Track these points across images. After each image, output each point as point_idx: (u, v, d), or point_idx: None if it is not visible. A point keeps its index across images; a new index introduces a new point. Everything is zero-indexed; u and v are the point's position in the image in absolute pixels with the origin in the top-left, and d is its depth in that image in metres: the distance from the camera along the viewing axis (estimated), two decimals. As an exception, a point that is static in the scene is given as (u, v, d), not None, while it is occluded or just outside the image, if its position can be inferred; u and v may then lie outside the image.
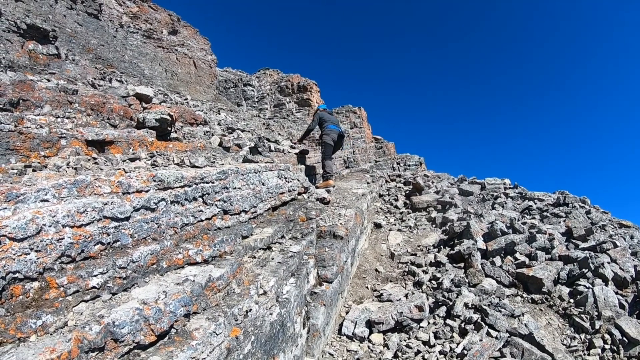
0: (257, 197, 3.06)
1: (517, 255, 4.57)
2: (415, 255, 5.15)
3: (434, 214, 6.68)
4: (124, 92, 3.83)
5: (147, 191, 1.92)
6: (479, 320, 3.41)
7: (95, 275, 1.45)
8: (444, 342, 3.24)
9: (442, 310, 3.66)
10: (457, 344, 3.18)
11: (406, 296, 3.94)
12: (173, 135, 3.59)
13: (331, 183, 5.99)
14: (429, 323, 3.53)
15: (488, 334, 3.27)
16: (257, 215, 3.02)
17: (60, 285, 1.34)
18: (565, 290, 3.97)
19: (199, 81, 10.54)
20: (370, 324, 3.45)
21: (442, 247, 5.28)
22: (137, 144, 2.89)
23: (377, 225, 6.29)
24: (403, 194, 8.18)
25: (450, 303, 3.71)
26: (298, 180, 4.24)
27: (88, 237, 1.51)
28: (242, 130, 6.24)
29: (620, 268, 4.13)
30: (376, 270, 4.76)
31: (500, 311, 3.53)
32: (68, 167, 2.13)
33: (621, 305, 3.65)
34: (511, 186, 8.54)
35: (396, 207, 7.45)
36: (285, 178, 3.85)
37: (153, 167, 2.54)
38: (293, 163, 5.43)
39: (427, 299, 3.84)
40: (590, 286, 3.84)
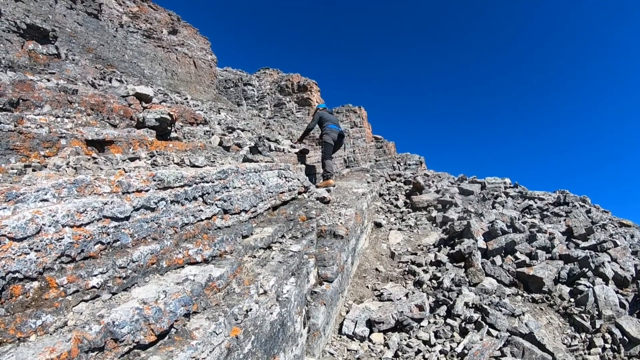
0: (257, 196, 3.06)
1: (518, 254, 4.56)
2: (416, 254, 5.15)
3: (434, 213, 6.68)
4: (124, 92, 3.83)
5: (147, 191, 1.92)
6: (479, 320, 3.40)
7: (95, 275, 1.45)
8: (444, 341, 3.24)
9: (442, 310, 3.66)
10: (458, 343, 3.17)
11: (406, 295, 3.93)
12: (173, 134, 3.58)
13: (331, 182, 5.99)
14: (429, 322, 3.53)
15: (489, 333, 3.27)
16: (257, 215, 3.02)
17: (60, 285, 1.34)
18: (566, 289, 3.96)
19: (199, 81, 10.54)
20: (370, 324, 3.45)
21: (442, 246, 5.28)
22: (137, 144, 2.89)
23: (378, 225, 6.28)
24: (403, 193, 8.17)
25: (451, 302, 3.71)
26: (298, 179, 4.24)
27: (88, 236, 1.51)
28: (242, 130, 6.24)
29: (620, 267, 4.12)
30: (376, 269, 4.76)
31: (500, 310, 3.53)
32: (68, 167, 2.13)
33: (622, 305, 3.64)
34: (511, 185, 8.53)
35: (396, 206, 7.45)
36: (285, 177, 3.85)
37: (153, 167, 2.54)
38: (293, 162, 5.42)
39: (428, 298, 3.84)
40: (591, 285, 3.83)
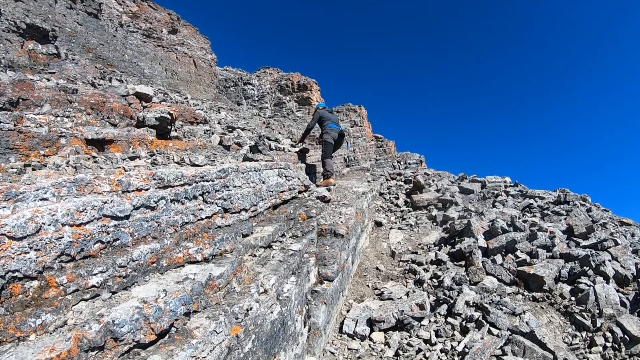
0: (258, 195, 3.05)
1: (518, 253, 4.56)
2: (416, 253, 5.15)
3: (434, 212, 6.67)
4: (124, 91, 3.83)
5: (147, 190, 1.91)
6: (480, 319, 3.40)
7: (95, 274, 1.45)
8: (445, 340, 3.24)
9: (443, 309, 3.65)
10: (459, 342, 3.17)
11: (407, 294, 3.93)
12: (173, 133, 3.58)
13: (332, 181, 5.98)
14: (430, 321, 3.52)
15: (489, 332, 3.26)
16: (257, 214, 3.01)
17: (60, 284, 1.33)
18: (567, 288, 3.96)
19: (199, 80, 10.53)
20: (371, 323, 3.44)
21: (443, 245, 5.28)
22: (137, 143, 2.89)
23: (378, 224, 6.28)
24: (404, 192, 8.17)
25: (452, 301, 3.71)
26: (298, 178, 4.23)
27: (88, 235, 1.51)
28: (242, 129, 6.23)
29: (621, 266, 4.12)
30: (377, 268, 4.75)
31: (501, 309, 3.53)
32: (68, 166, 2.13)
33: (622, 303, 3.64)
34: (512, 184, 8.53)
35: (397, 205, 7.44)
36: (285, 176, 3.84)
37: (153, 166, 2.53)
38: (293, 162, 5.42)
39: (428, 297, 3.83)
40: (592, 284, 3.83)
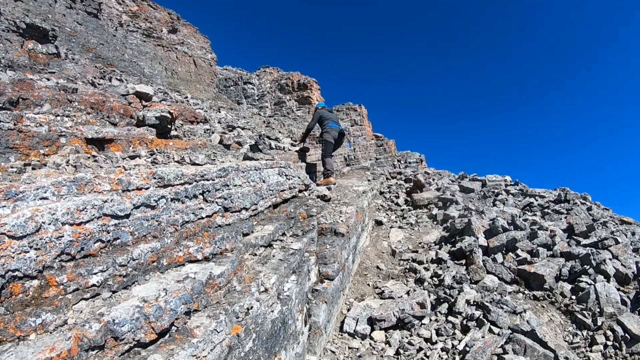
0: (258, 194, 3.05)
1: (519, 251, 4.55)
2: (417, 252, 5.15)
3: (435, 211, 6.67)
4: (124, 91, 3.83)
5: (147, 188, 1.91)
6: (481, 317, 3.40)
7: (95, 273, 1.44)
8: (445, 339, 3.24)
9: (443, 307, 3.65)
10: (459, 340, 3.17)
11: (408, 293, 3.93)
12: (173, 133, 3.58)
13: (332, 180, 5.98)
14: (430, 320, 3.52)
15: (490, 330, 3.26)
16: (257, 213, 3.01)
17: (60, 284, 1.33)
18: (567, 286, 3.96)
19: (199, 79, 10.52)
20: (371, 321, 3.44)
21: (443, 244, 5.28)
22: (137, 142, 2.88)
23: (378, 223, 6.28)
24: (404, 191, 8.16)
25: (452, 300, 3.71)
26: (299, 177, 4.23)
27: (88, 234, 1.51)
28: (243, 128, 6.23)
29: (622, 264, 4.11)
30: (377, 267, 4.75)
31: (502, 308, 3.52)
32: (67, 165, 2.13)
33: (623, 302, 3.63)
34: (512, 183, 8.52)
35: (397, 204, 7.44)
36: (285, 175, 3.84)
37: (153, 165, 2.53)
38: (294, 161, 5.41)
39: (429, 295, 3.83)
40: (592, 283, 3.83)
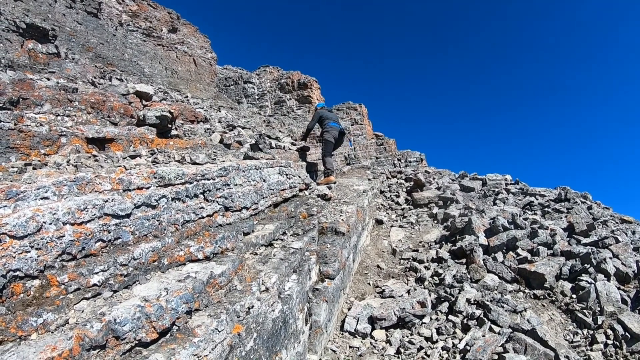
0: (259, 193, 3.05)
1: (519, 250, 4.55)
2: (417, 251, 5.15)
3: (435, 210, 6.67)
4: (124, 90, 3.83)
5: (147, 188, 1.91)
6: (481, 316, 3.40)
7: (96, 273, 1.45)
8: (446, 338, 3.24)
9: (444, 306, 3.66)
10: (460, 339, 3.17)
11: (408, 292, 3.93)
12: (173, 132, 3.58)
13: (332, 179, 5.98)
14: (431, 319, 3.53)
15: (491, 329, 3.26)
16: (258, 212, 3.01)
17: (61, 283, 1.33)
18: (568, 285, 3.96)
19: (199, 79, 10.52)
20: (372, 320, 3.45)
21: (443, 243, 5.28)
22: (138, 142, 2.88)
23: (379, 222, 6.28)
24: (404, 190, 8.16)
25: (453, 299, 3.71)
26: (299, 176, 4.23)
27: (89, 234, 1.51)
28: (243, 128, 6.23)
29: (622, 263, 4.11)
30: (378, 266, 4.75)
31: (502, 307, 3.53)
32: (68, 165, 2.13)
33: (623, 301, 3.63)
34: (512, 182, 8.52)
35: (397, 203, 7.44)
36: (286, 175, 3.84)
37: (154, 164, 2.53)
38: (294, 160, 5.41)
39: (429, 294, 3.83)
40: (593, 281, 3.82)
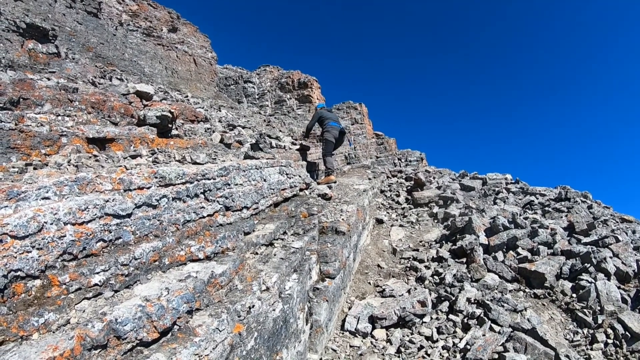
0: (259, 193, 3.05)
1: (520, 250, 4.55)
2: (418, 250, 5.15)
3: (435, 210, 6.67)
4: (125, 90, 3.83)
5: (148, 188, 1.91)
6: (481, 315, 3.40)
7: (97, 273, 1.45)
8: (446, 337, 3.24)
9: (444, 306, 3.66)
10: (460, 339, 3.18)
11: (409, 291, 3.94)
12: (174, 132, 3.58)
13: (332, 179, 5.98)
14: (431, 318, 3.53)
15: (491, 328, 3.27)
16: (259, 212, 3.01)
17: (62, 283, 1.33)
18: (568, 285, 3.96)
19: (199, 79, 10.51)
20: (373, 320, 3.45)
21: (444, 242, 5.28)
22: (138, 141, 2.89)
23: (379, 221, 6.28)
24: (404, 189, 8.16)
25: (453, 298, 3.71)
26: (299, 176, 4.23)
27: (90, 234, 1.51)
28: (243, 127, 6.23)
29: (622, 263, 4.11)
30: (378, 265, 4.76)
31: (503, 306, 3.53)
32: (69, 165, 2.13)
33: (624, 300, 3.64)
34: (512, 181, 8.51)
35: (398, 202, 7.44)
36: (286, 174, 3.84)
37: (154, 164, 2.53)
38: (294, 159, 5.41)
39: (430, 294, 3.84)
40: (593, 281, 3.83)
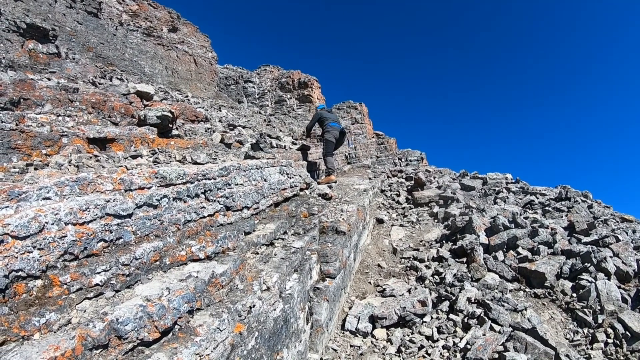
0: (259, 193, 3.06)
1: (520, 249, 4.55)
2: (418, 250, 5.15)
3: (436, 209, 6.67)
4: (125, 90, 3.83)
5: (149, 188, 1.92)
6: (482, 315, 3.41)
7: (98, 273, 1.45)
8: (447, 336, 3.25)
9: (445, 305, 3.66)
10: (461, 338, 3.18)
11: (409, 291, 3.94)
12: (174, 132, 3.58)
13: (333, 179, 5.99)
14: (432, 318, 3.53)
15: (491, 328, 3.27)
16: (259, 212, 3.02)
17: (64, 283, 1.34)
18: (568, 284, 3.96)
19: (199, 78, 10.51)
20: (373, 319, 3.45)
21: (444, 242, 5.28)
22: (139, 141, 2.89)
23: (379, 221, 6.28)
24: (405, 189, 8.16)
25: (453, 298, 3.71)
26: (300, 176, 4.23)
27: (91, 234, 1.51)
28: (243, 127, 6.23)
29: (622, 262, 4.11)
30: (379, 265, 4.76)
31: (503, 305, 3.53)
32: (70, 165, 2.13)
33: (624, 300, 3.64)
34: (513, 181, 8.51)
35: (398, 202, 7.44)
36: (287, 174, 3.84)
37: (155, 164, 2.54)
38: (295, 159, 5.42)
39: (430, 293, 3.84)
40: (593, 280, 3.83)
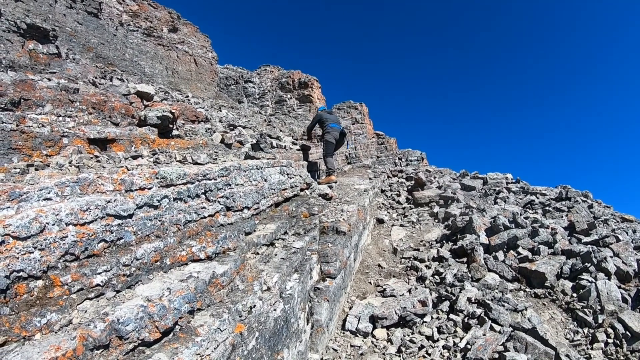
0: (260, 193, 3.06)
1: (520, 249, 4.55)
2: (418, 250, 5.15)
3: (436, 209, 6.67)
4: (125, 90, 3.83)
5: (149, 188, 1.92)
6: (482, 315, 3.41)
7: (99, 273, 1.45)
8: (447, 336, 3.25)
9: (445, 305, 3.66)
10: (461, 338, 3.18)
11: (409, 291, 3.94)
12: (175, 132, 3.59)
13: (333, 179, 5.99)
14: (432, 318, 3.53)
15: (491, 328, 3.27)
16: (259, 212, 3.02)
17: (65, 284, 1.34)
18: (568, 284, 3.96)
19: (199, 79, 10.52)
20: (373, 319, 3.45)
21: (444, 242, 5.28)
22: (139, 142, 2.89)
23: (380, 221, 6.28)
24: (405, 189, 8.16)
25: (454, 298, 3.71)
26: (300, 176, 4.23)
27: (91, 235, 1.52)
28: (244, 127, 6.24)
29: (623, 262, 4.11)
30: (379, 265, 4.76)
31: (503, 305, 3.53)
32: (70, 166, 2.14)
33: (624, 300, 3.64)
34: (513, 181, 8.51)
35: (398, 202, 7.44)
36: (287, 174, 3.84)
37: (155, 165, 2.54)
38: (295, 159, 5.42)
39: (431, 293, 3.84)
40: (593, 280, 3.83)
